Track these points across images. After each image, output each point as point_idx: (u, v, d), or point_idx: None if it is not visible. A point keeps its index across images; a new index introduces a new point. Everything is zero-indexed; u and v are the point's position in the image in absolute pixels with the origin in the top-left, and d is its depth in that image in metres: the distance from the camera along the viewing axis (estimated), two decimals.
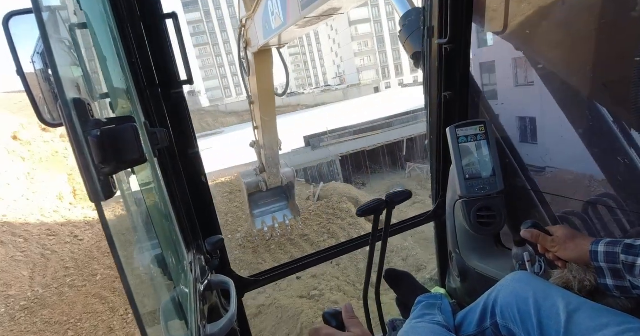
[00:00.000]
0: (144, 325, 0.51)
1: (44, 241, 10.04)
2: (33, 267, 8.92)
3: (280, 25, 3.59)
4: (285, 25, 3.44)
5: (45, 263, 9.15)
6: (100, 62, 0.81)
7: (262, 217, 8.81)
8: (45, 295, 7.99)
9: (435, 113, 1.75)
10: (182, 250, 1.07)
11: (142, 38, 1.10)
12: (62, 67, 0.48)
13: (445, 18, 1.52)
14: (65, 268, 9.09)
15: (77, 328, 7.09)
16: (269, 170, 7.34)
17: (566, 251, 1.03)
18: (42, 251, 9.62)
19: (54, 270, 8.95)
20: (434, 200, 1.95)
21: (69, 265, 9.20)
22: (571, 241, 1.02)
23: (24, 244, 9.70)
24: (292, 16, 3.19)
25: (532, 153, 1.57)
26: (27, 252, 9.43)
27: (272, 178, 7.52)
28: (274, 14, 3.72)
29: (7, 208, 10.85)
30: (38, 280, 8.53)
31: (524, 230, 1.13)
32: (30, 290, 8.10)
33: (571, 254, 1.02)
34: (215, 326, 0.89)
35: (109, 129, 0.53)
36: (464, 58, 1.62)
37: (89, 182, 0.47)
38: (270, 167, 7.29)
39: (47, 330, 6.96)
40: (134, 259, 0.76)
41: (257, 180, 7.62)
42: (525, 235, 1.12)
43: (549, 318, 0.94)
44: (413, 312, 1.38)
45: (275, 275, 1.69)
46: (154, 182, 0.97)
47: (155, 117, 1.17)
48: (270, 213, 8.85)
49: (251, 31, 4.85)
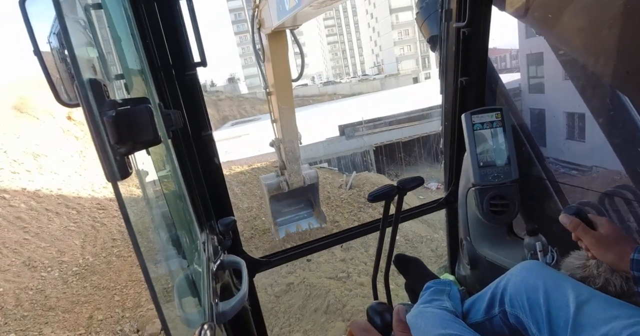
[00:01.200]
0: (159, 300, 0.53)
1: (94, 214, 10.71)
2: (84, 237, 9.53)
3: (295, 6, 3.54)
4: (300, 6, 3.38)
5: (95, 234, 9.76)
6: (115, 43, 0.81)
7: (285, 225, 8.52)
8: (95, 262, 8.55)
9: (451, 99, 1.71)
10: (195, 230, 1.09)
11: (156, 19, 1.10)
12: (78, 47, 0.49)
13: (464, 0, 1.47)
14: (113, 239, 9.66)
15: (123, 293, 7.59)
16: (290, 166, 7.04)
17: (607, 253, 0.92)
18: (93, 223, 10.25)
19: (103, 241, 9.52)
20: (446, 187, 1.93)
21: (116, 237, 9.77)
22: (614, 244, 0.91)
23: (76, 216, 10.36)
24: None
25: (549, 142, 1.53)
26: (79, 223, 10.07)
27: (294, 177, 7.22)
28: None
29: (62, 183, 11.57)
30: (88, 249, 9.11)
31: (564, 215, 1.00)
32: (81, 258, 8.65)
33: (611, 259, 0.91)
34: (227, 304, 0.91)
35: (124, 110, 0.53)
36: (482, 42, 1.57)
37: (105, 161, 0.48)
38: (291, 163, 6.98)
39: (96, 294, 7.48)
40: (150, 237, 0.78)
41: (278, 181, 7.36)
42: (563, 220, 1.00)
43: (558, 308, 0.94)
44: (421, 297, 1.39)
45: (286, 257, 1.72)
46: (168, 163, 0.98)
47: (169, 99, 1.17)
48: (294, 221, 8.58)
49: (265, 12, 4.77)
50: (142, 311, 6.88)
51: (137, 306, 7.15)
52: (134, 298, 7.42)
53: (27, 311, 6.64)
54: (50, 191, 10.91)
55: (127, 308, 7.11)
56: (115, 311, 6.97)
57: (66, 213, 10.28)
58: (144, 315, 6.67)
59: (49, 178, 11.48)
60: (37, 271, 7.88)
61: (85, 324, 6.59)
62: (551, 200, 1.55)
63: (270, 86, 5.93)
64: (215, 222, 1.35)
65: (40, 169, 11.70)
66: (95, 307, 7.05)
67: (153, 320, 6.27)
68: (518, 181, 1.51)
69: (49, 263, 8.18)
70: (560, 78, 1.51)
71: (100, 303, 7.21)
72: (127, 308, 7.11)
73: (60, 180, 11.69)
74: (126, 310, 7.06)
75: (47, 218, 9.74)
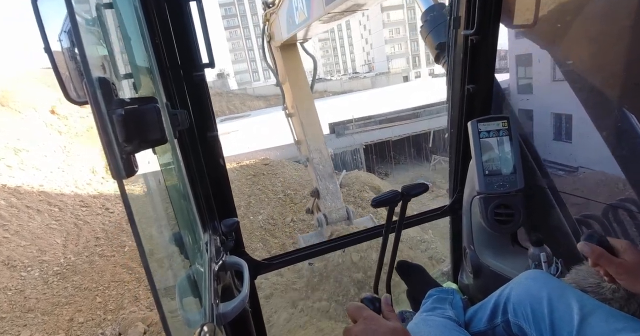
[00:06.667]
0: (160, 300, 0.53)
1: (77, 211, 10.49)
2: (66, 235, 9.34)
3: (304, 20, 3.57)
4: (309, 20, 3.41)
5: (78, 233, 9.57)
6: (125, 42, 0.82)
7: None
8: (77, 262, 8.38)
9: (457, 107, 1.71)
10: (198, 230, 1.09)
11: (166, 19, 1.11)
12: (88, 46, 0.49)
13: (473, 8, 1.47)
14: (96, 238, 9.50)
15: (105, 294, 7.43)
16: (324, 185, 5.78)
17: (637, 283, 0.83)
18: (75, 221, 10.06)
19: (86, 240, 9.35)
20: (450, 194, 1.92)
21: (99, 236, 9.60)
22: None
23: (58, 213, 10.15)
24: (316, 11, 3.17)
25: (555, 152, 1.52)
26: (61, 220, 9.88)
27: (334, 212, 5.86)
28: (298, 8, 3.69)
29: (43, 179, 11.32)
30: (70, 247, 8.93)
31: (584, 243, 0.89)
32: (63, 257, 8.49)
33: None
34: (227, 305, 0.91)
35: (132, 109, 0.54)
36: (490, 50, 1.57)
37: (111, 159, 0.49)
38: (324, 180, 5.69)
39: (77, 295, 7.31)
40: (153, 236, 0.78)
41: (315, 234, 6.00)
42: (584, 249, 0.89)
43: (562, 319, 0.92)
44: (423, 305, 1.38)
45: (288, 260, 1.72)
46: (173, 162, 0.99)
47: (177, 99, 1.18)
48: None
49: (275, 25, 4.79)
50: (125, 313, 6.72)
51: (119, 309, 6.98)
52: (116, 300, 7.27)
53: (5, 313, 6.44)
54: (32, 187, 10.67)
55: (109, 311, 6.96)
56: (96, 314, 6.80)
57: (48, 210, 10.04)
58: (126, 317, 6.52)
59: (31, 174, 11.23)
60: (17, 270, 7.68)
61: (66, 327, 6.41)
62: (556, 211, 1.54)
63: (290, 107, 5.39)
64: (218, 222, 1.35)
65: (22, 165, 11.45)
66: (76, 309, 6.88)
67: (135, 324, 6.12)
68: (523, 190, 1.50)
69: (29, 263, 7.97)
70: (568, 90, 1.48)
71: (81, 304, 7.03)
72: (109, 311, 6.96)
73: (42, 176, 11.43)
74: (108, 313, 6.90)
75: (27, 215, 9.52)
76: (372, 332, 0.67)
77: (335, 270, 6.77)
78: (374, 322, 0.69)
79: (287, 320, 6.16)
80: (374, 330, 0.67)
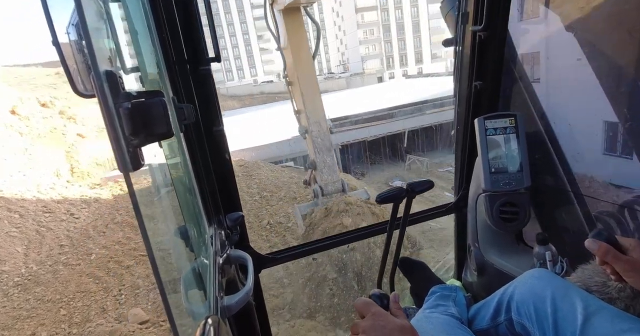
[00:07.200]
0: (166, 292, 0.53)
1: (39, 218, 9.84)
2: (28, 244, 8.77)
3: None
4: None
5: (40, 240, 8.99)
6: (132, 36, 0.82)
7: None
8: (39, 272, 7.84)
9: (464, 103, 1.69)
10: (203, 224, 1.10)
11: (173, 13, 1.11)
12: (96, 39, 0.49)
13: (482, 4, 1.45)
14: (60, 245, 8.91)
15: (70, 306, 6.93)
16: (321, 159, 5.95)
17: None
18: (38, 227, 9.46)
19: (49, 247, 8.78)
20: (456, 191, 1.92)
21: (64, 243, 9.01)
22: None
23: (19, 220, 9.53)
24: None
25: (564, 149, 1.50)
26: (22, 228, 9.27)
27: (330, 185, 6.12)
28: None
29: (3, 183, 10.67)
30: (32, 256, 8.38)
31: (592, 240, 0.87)
32: (24, 267, 7.97)
33: None
34: (232, 298, 0.92)
35: (139, 102, 0.54)
36: (498, 46, 1.55)
37: (118, 153, 0.49)
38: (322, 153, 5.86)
39: (40, 308, 6.84)
40: (159, 229, 0.78)
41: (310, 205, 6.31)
42: (591, 246, 0.87)
43: (566, 319, 0.92)
44: (426, 302, 1.38)
45: (292, 255, 1.73)
46: (179, 156, 0.99)
47: (183, 93, 1.18)
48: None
49: None
50: (91, 326, 6.23)
51: (85, 321, 6.50)
52: (82, 312, 6.76)
53: None
54: None
55: (74, 324, 6.46)
56: (61, 327, 6.34)
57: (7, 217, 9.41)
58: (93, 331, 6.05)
59: None
60: None
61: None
62: (563, 210, 1.52)
63: (289, 72, 5.37)
64: (223, 216, 1.36)
65: None
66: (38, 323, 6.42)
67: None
68: (530, 189, 1.49)
69: None
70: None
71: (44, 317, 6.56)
72: (75, 324, 6.46)
73: (2, 180, 10.73)
74: (73, 326, 6.41)
75: None
76: (380, 328, 0.67)
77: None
78: (382, 318, 0.69)
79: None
80: (382, 326, 0.67)
